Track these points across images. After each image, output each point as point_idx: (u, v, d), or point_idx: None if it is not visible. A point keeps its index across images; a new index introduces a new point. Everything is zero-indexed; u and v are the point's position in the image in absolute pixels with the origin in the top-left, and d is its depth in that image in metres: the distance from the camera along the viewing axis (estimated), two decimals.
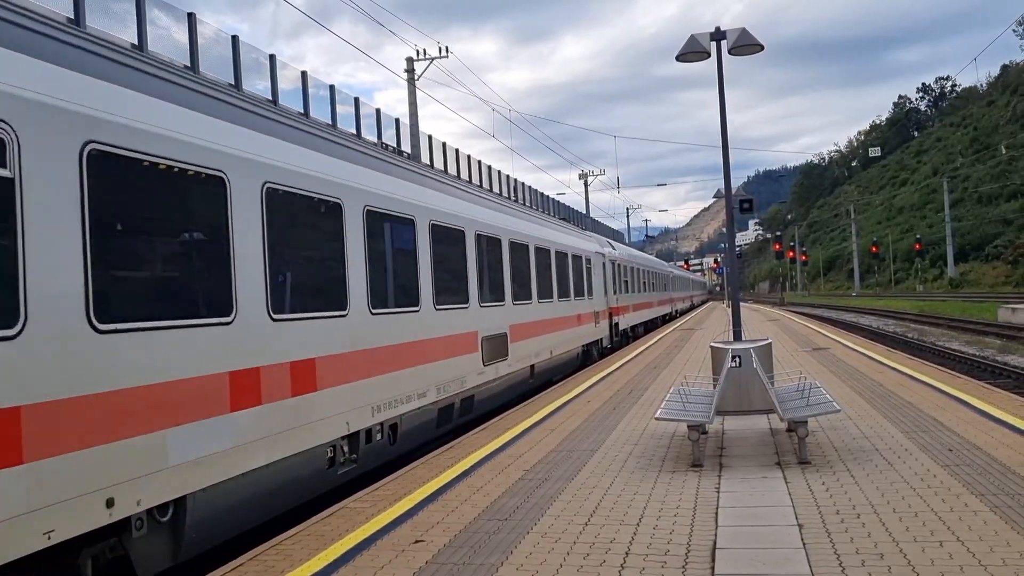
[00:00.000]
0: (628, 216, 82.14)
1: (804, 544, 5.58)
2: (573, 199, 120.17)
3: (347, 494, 8.23)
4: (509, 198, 21.34)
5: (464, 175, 18.22)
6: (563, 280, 19.76)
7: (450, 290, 12.12)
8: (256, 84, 9.27)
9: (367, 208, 9.52)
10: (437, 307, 11.47)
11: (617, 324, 26.99)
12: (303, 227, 8.33)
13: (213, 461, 6.46)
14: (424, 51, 27.59)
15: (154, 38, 7.42)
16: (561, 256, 19.72)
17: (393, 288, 10.22)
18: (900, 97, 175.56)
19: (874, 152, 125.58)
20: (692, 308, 70.90)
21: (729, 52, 15.26)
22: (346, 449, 8.70)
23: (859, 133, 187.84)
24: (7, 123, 4.96)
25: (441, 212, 12.02)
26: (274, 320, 7.49)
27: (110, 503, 5.40)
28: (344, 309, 8.78)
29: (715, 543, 5.71)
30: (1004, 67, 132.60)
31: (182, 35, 7.99)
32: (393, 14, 21.74)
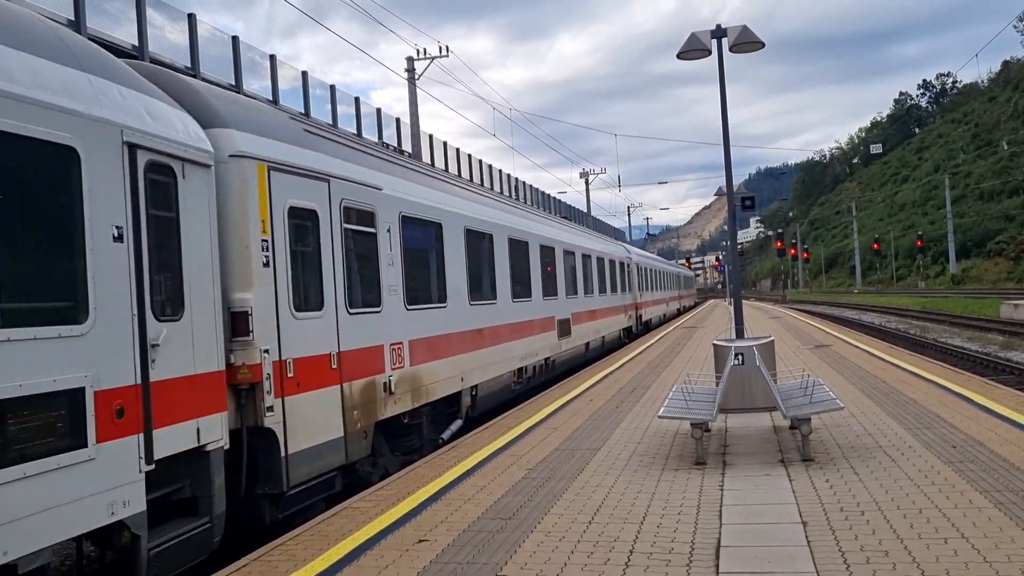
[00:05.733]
0: (629, 215, 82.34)
1: (808, 542, 5.56)
2: (574, 197, 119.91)
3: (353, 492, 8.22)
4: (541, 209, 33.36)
5: (465, 174, 18.34)
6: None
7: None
8: (252, 84, 9.25)
9: None
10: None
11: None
12: None
13: None
14: (424, 50, 27.62)
15: (151, 38, 7.41)
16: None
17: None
18: (901, 93, 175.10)
19: (875, 149, 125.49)
20: (696, 305, 71.25)
21: (730, 50, 15.21)
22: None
23: (860, 130, 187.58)
24: None
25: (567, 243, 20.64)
26: None
27: None
28: None
29: (719, 541, 5.70)
30: (1005, 63, 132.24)
31: (176, 35, 7.97)
32: (389, 11, 21.75)
